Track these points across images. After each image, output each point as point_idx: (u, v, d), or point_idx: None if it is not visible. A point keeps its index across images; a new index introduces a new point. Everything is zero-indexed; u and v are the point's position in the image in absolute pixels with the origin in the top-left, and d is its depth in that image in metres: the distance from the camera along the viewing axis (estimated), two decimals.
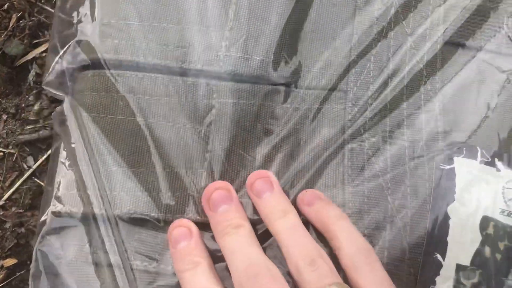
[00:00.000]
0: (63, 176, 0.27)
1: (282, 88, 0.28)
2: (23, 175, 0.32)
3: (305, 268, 0.22)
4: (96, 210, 0.25)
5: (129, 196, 0.26)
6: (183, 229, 0.25)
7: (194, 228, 0.25)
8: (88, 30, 0.28)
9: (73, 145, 0.27)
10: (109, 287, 0.25)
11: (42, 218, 0.27)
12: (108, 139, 0.27)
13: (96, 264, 0.25)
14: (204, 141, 0.27)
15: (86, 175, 0.26)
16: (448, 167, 0.28)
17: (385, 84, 0.29)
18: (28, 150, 0.33)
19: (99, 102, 0.27)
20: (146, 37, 0.28)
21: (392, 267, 0.26)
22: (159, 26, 0.28)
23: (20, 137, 0.32)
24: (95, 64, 0.28)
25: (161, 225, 0.26)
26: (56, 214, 0.26)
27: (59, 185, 0.26)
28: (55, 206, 0.26)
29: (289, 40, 0.28)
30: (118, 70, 0.28)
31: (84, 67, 0.28)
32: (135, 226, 0.26)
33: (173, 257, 0.25)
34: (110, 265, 0.25)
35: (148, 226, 0.26)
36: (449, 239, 0.26)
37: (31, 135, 0.32)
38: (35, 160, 0.32)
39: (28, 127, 0.33)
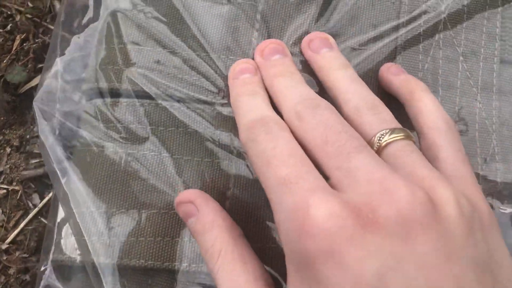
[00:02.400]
0: (63, 219, 0.24)
1: None
2: (28, 214, 0.29)
3: (367, 111, 0.21)
4: (101, 259, 0.22)
5: (139, 243, 0.23)
6: (248, 65, 0.24)
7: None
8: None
9: (72, 185, 0.24)
10: None
11: (42, 268, 0.24)
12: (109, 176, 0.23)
13: None
14: (227, 176, 0.24)
15: (86, 219, 0.23)
16: None
17: None
18: (34, 186, 0.30)
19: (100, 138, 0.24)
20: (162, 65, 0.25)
21: None
22: (173, 51, 0.25)
23: (25, 172, 0.29)
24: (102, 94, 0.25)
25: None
26: (57, 262, 0.23)
27: (60, 229, 0.23)
28: (55, 253, 0.23)
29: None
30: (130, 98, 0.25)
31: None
32: (144, 275, 0.23)
33: (232, 85, 0.23)
34: None
35: (162, 276, 0.23)
36: None
37: (36, 170, 0.29)
38: (41, 198, 0.29)
39: (33, 161, 0.30)
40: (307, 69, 0.25)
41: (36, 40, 0.31)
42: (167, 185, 0.24)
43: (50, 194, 0.29)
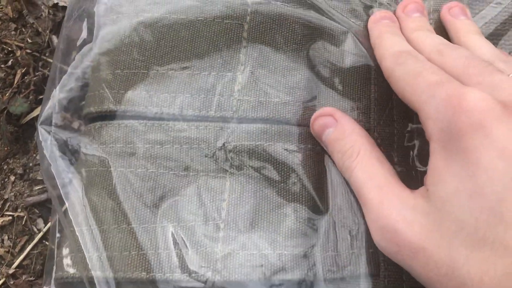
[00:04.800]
0: (64, 237, 0.25)
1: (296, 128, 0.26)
2: (33, 239, 0.30)
3: (499, 62, 0.23)
4: (98, 273, 0.23)
5: (139, 257, 0.24)
6: (388, 14, 0.28)
7: None
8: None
9: (66, 204, 0.25)
10: None
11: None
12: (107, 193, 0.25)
13: None
14: (221, 191, 0.25)
15: (84, 235, 0.24)
16: None
17: None
18: (38, 212, 0.31)
19: (99, 156, 0.25)
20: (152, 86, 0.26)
21: None
22: (166, 73, 0.26)
23: (29, 199, 0.31)
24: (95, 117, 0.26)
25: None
26: (60, 280, 0.24)
27: (60, 248, 0.25)
28: (57, 272, 0.24)
29: (304, 83, 0.26)
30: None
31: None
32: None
33: (374, 27, 0.27)
34: None
35: None
36: None
37: (40, 196, 0.31)
38: (45, 222, 0.31)
39: (37, 188, 0.31)
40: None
41: (36, 73, 0.33)
42: (151, 201, 0.25)
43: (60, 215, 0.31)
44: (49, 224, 0.30)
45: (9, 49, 0.33)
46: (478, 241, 0.17)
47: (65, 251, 0.25)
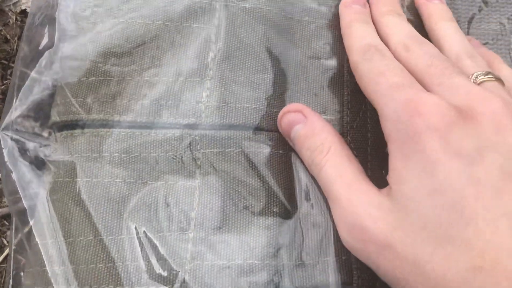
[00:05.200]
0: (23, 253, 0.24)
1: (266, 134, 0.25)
2: (3, 252, 0.30)
3: (466, 57, 0.24)
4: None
5: (107, 269, 0.23)
6: None
7: None
8: None
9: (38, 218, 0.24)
10: None
11: None
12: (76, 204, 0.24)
13: None
14: (191, 197, 0.24)
15: (48, 248, 0.23)
16: None
17: None
18: (7, 224, 0.30)
19: (66, 166, 0.25)
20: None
21: None
22: (132, 80, 0.26)
23: None
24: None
25: None
26: None
27: (17, 263, 0.24)
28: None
29: (273, 87, 0.26)
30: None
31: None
32: None
33: (344, 12, 0.27)
34: None
35: None
36: None
37: (8, 208, 0.30)
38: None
39: (5, 200, 0.30)
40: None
41: (5, 82, 0.32)
42: (118, 211, 0.24)
43: (25, 230, 0.30)
44: (18, 237, 0.30)
45: None
46: (441, 238, 0.17)
47: (26, 265, 0.24)
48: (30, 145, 0.26)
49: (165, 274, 0.23)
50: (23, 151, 0.26)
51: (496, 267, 0.16)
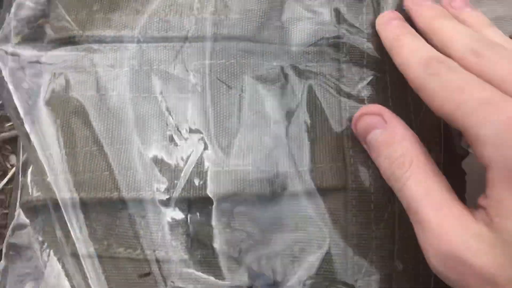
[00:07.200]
0: (26, 161, 0.25)
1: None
2: (7, 175, 0.31)
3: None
4: (64, 195, 0.23)
5: (110, 177, 0.23)
6: (396, 14, 0.25)
7: None
8: None
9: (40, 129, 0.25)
10: (78, 279, 0.22)
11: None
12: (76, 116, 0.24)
13: (73, 255, 0.23)
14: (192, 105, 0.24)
15: (51, 158, 0.24)
16: None
17: None
18: (10, 148, 0.31)
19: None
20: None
21: None
22: None
23: (0, 135, 0.31)
24: None
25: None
26: (25, 204, 0.24)
27: (24, 171, 0.24)
28: (23, 195, 0.24)
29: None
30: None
31: None
32: (110, 217, 0.24)
33: (385, 29, 0.24)
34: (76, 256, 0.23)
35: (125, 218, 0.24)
36: None
37: (11, 132, 0.31)
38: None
39: (8, 124, 0.31)
40: None
41: None
42: (124, 124, 0.24)
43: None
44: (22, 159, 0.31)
45: None
46: None
47: (30, 176, 0.25)
48: (28, 55, 0.26)
49: (168, 183, 0.23)
50: (18, 64, 0.26)
51: None
